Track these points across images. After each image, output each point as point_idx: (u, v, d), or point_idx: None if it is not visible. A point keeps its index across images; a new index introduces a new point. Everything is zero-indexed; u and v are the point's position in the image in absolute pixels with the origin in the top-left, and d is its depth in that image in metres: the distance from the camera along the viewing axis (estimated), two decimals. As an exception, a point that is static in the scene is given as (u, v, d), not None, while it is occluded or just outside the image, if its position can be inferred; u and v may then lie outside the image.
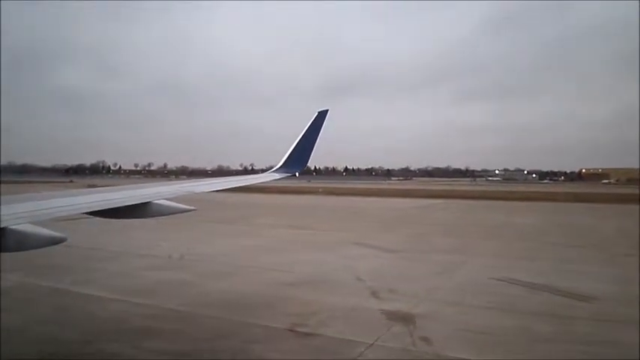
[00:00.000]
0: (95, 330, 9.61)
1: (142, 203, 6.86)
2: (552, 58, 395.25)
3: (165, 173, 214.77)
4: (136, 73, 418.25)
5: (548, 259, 18.12)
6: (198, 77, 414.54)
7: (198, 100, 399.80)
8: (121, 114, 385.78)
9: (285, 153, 11.08)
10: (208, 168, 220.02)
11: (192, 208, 7.69)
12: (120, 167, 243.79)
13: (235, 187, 10.24)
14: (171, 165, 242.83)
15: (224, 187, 9.63)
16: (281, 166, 11.07)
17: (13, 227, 4.81)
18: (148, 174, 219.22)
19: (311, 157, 11.08)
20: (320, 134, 10.84)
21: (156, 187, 8.37)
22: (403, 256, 18.87)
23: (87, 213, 5.91)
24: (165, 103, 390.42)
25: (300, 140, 10.89)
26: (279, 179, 10.89)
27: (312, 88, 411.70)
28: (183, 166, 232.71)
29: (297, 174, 11.38)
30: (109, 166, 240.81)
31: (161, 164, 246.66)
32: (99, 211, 6.06)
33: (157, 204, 7.07)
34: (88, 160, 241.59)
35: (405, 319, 10.46)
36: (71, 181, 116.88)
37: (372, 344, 8.82)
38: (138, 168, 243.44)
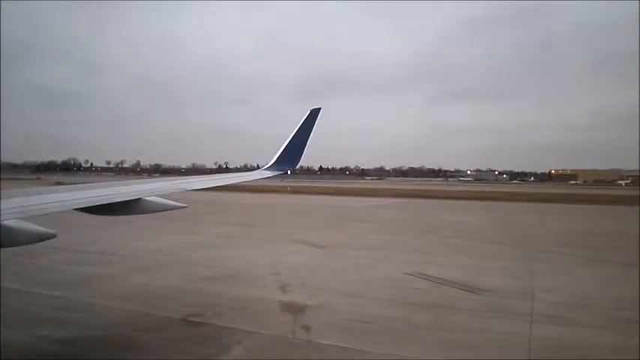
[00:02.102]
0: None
1: (133, 200, 6.82)
2: (528, 61, 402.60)
3: (137, 171, 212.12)
4: (110, 71, 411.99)
5: (468, 256, 19.09)
6: (173, 76, 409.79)
7: (173, 98, 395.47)
8: (93, 111, 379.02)
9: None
10: (183, 166, 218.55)
11: (183, 205, 7.78)
12: (91, 164, 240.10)
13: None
14: (145, 163, 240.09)
15: (215, 185, 9.72)
16: (273, 164, 11.16)
17: (4, 223, 4.76)
18: (120, 171, 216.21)
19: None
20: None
21: (146, 183, 8.45)
22: (334, 252, 19.60)
23: (78, 209, 5.89)
24: (139, 101, 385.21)
25: (292, 138, 10.99)
26: (270, 177, 11.02)
27: (290, 88, 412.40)
28: (156, 164, 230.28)
29: (289, 172, 11.49)
30: (80, 163, 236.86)
31: (134, 162, 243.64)
32: (89, 207, 6.04)
33: (148, 200, 7.07)
34: (59, 157, 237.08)
35: (299, 310, 11.17)
36: (38, 178, 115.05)
37: (254, 333, 9.47)
38: (110, 165, 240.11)
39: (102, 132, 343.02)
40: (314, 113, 11.04)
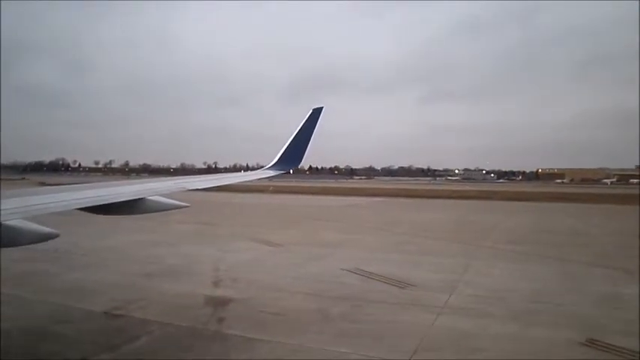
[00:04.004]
0: None
1: (135, 199, 6.89)
2: (521, 61, 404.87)
3: (126, 171, 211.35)
4: (100, 71, 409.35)
5: (413, 252, 19.78)
6: (163, 76, 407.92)
7: (165, 98, 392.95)
8: (83, 111, 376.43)
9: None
10: (172, 166, 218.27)
11: (185, 204, 7.88)
12: (79, 165, 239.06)
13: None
14: (133, 163, 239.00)
15: (217, 184, 9.83)
16: (275, 164, 11.21)
17: (7, 223, 4.77)
18: (108, 172, 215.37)
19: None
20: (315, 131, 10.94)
21: (148, 183, 8.50)
22: (283, 249, 20.18)
23: (79, 209, 5.98)
24: (128, 102, 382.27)
25: (294, 138, 11.01)
26: (273, 176, 11.16)
27: (280, 88, 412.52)
28: (145, 164, 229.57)
29: (291, 171, 11.62)
30: (69, 164, 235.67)
31: (122, 162, 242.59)
32: (91, 207, 6.15)
33: (150, 200, 7.14)
34: (47, 157, 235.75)
35: (221, 303, 11.71)
36: (23, 178, 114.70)
37: (166, 324, 10.01)
38: (99, 166, 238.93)
39: (92, 132, 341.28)
40: (316, 112, 11.03)
